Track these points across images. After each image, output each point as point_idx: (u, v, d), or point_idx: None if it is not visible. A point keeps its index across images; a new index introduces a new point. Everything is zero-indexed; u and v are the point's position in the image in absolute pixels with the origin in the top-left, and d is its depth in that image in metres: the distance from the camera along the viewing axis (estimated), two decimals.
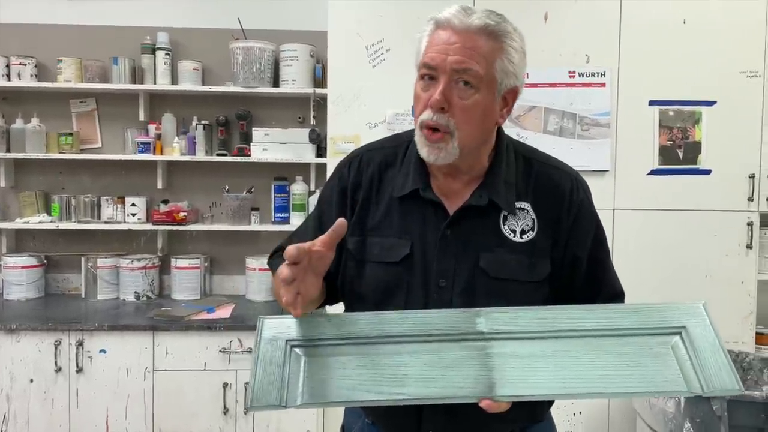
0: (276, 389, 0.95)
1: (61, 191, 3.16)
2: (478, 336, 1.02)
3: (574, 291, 1.20)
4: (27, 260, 3.02)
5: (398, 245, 1.18)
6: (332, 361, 1.00)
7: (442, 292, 1.15)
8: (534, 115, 2.57)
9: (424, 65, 1.12)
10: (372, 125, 2.57)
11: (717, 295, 2.57)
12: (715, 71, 2.56)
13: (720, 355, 0.98)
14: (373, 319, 1.06)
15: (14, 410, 2.55)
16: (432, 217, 1.18)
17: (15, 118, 3.03)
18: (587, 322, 1.04)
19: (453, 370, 0.98)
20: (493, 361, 0.99)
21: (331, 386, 0.97)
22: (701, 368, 0.96)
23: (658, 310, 1.05)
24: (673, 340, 1.01)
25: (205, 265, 3.12)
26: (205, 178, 3.18)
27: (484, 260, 1.15)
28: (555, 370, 0.98)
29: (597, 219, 1.25)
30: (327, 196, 1.29)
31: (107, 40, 3.11)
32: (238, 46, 2.97)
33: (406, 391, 0.96)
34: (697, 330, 1.01)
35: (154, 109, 3.16)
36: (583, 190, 1.23)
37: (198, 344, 2.57)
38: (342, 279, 1.24)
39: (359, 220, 1.22)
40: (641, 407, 2.32)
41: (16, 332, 2.54)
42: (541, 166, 1.22)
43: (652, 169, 2.59)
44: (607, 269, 1.26)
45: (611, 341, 1.01)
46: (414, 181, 1.19)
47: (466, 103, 1.10)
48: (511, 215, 1.17)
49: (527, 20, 2.53)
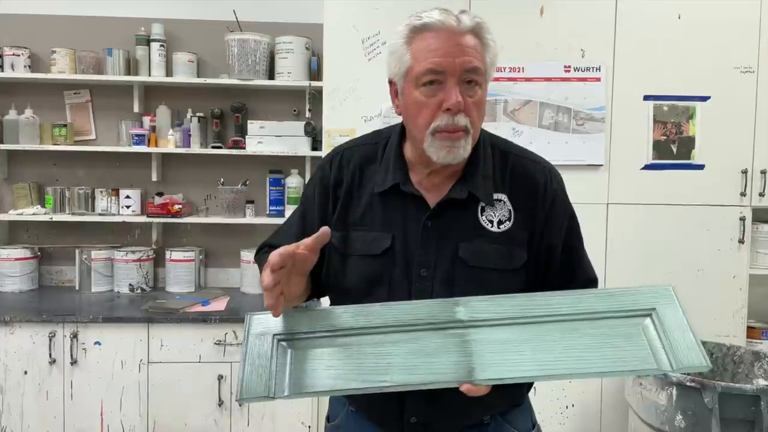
0: (264, 381, 0.99)
1: (55, 183, 3.14)
2: (458, 324, 1.06)
3: (550, 278, 1.23)
4: (21, 252, 3.01)
5: (380, 238, 1.21)
6: (318, 352, 1.05)
7: (424, 281, 1.19)
8: (529, 110, 2.58)
9: (429, 71, 1.12)
10: (368, 118, 2.57)
11: (709, 289, 2.59)
12: (710, 67, 2.58)
13: (688, 334, 1.02)
14: (357, 312, 1.10)
15: (8, 402, 2.54)
16: (413, 210, 1.21)
17: (8, 110, 3.01)
18: (562, 306, 1.08)
19: (434, 357, 1.02)
20: (472, 348, 1.03)
21: (317, 377, 1.01)
22: (671, 347, 1.01)
23: (630, 293, 1.09)
24: (644, 322, 1.05)
25: (199, 257, 3.12)
26: (200, 170, 3.17)
27: (463, 250, 1.19)
28: (532, 353, 1.02)
29: (571, 209, 1.28)
30: (310, 194, 1.33)
31: (102, 31, 3.09)
32: (233, 38, 2.96)
33: (389, 379, 1.00)
34: (667, 311, 1.05)
35: (149, 100, 3.14)
36: (557, 181, 1.27)
37: (193, 336, 2.58)
38: (326, 273, 1.27)
39: (341, 216, 1.25)
40: (633, 400, 2.34)
41: (10, 324, 2.54)
42: (516, 159, 1.26)
43: (646, 163, 2.60)
44: (581, 257, 1.29)
45: (585, 324, 1.06)
46: (394, 176, 1.22)
47: (475, 100, 1.14)
48: (488, 206, 1.21)
49: (523, 14, 2.57)
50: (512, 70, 2.57)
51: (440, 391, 1.00)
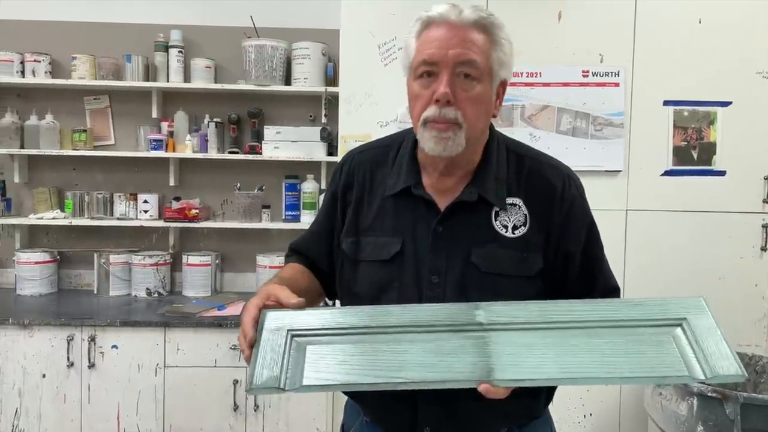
0: (275, 374, 0.97)
1: (75, 188, 3.18)
2: (477, 327, 1.03)
3: (568, 286, 1.20)
4: (40, 256, 3.05)
5: (390, 243, 1.19)
6: (332, 348, 1.02)
7: (435, 288, 1.16)
8: (547, 115, 2.56)
9: (423, 63, 1.12)
10: (383, 124, 2.57)
11: (730, 297, 2.54)
12: (731, 71, 2.54)
13: (723, 345, 0.97)
14: (374, 312, 1.07)
15: (26, 405, 2.57)
16: (423, 214, 1.19)
17: (29, 115, 3.05)
18: (586, 313, 1.04)
19: (451, 357, 0.99)
20: (491, 349, 1.00)
21: (330, 371, 0.99)
22: (704, 356, 0.96)
23: (658, 303, 1.05)
24: (674, 331, 1.01)
25: (216, 262, 3.14)
26: (216, 175, 3.19)
27: (476, 255, 1.16)
28: (554, 356, 0.98)
29: (590, 214, 1.24)
30: (325, 199, 1.34)
31: (121, 37, 3.13)
32: (250, 44, 2.98)
33: (404, 375, 0.97)
34: (699, 322, 1.01)
35: (167, 106, 3.17)
36: (575, 186, 1.23)
37: (209, 341, 2.58)
38: (339, 280, 1.26)
39: (353, 221, 1.24)
40: (653, 409, 2.30)
41: (29, 327, 2.56)
42: (532, 162, 1.22)
43: (666, 169, 2.57)
44: (602, 265, 1.25)
45: (611, 331, 1.02)
46: (405, 179, 1.20)
47: (470, 95, 1.11)
48: (503, 211, 1.18)
49: (541, 19, 2.56)
50: (529, 75, 2.55)
51: (455, 399, 0.96)
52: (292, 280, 1.23)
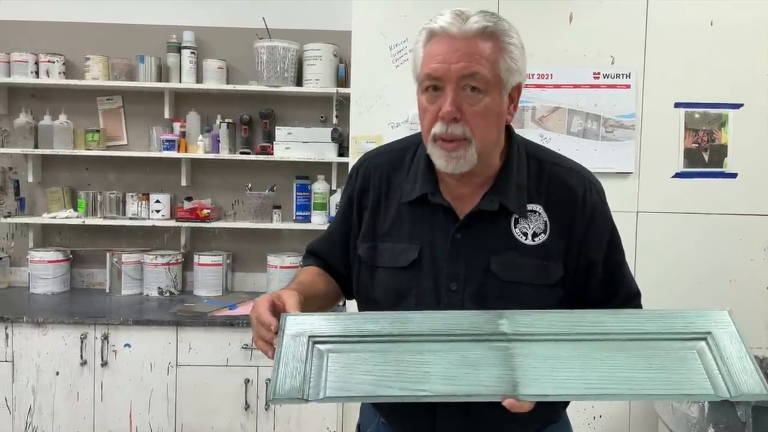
0: (298, 383, 0.96)
1: (87, 187, 3.20)
2: (501, 337, 1.01)
3: (590, 294, 1.18)
4: (53, 255, 3.07)
5: (407, 250, 1.17)
6: (355, 357, 1.01)
7: (454, 295, 1.14)
8: (557, 117, 2.56)
9: (427, 77, 1.09)
10: (394, 125, 2.58)
11: (741, 299, 2.54)
12: (742, 74, 2.53)
13: (747, 361, 0.97)
14: (396, 318, 1.06)
15: (40, 402, 2.59)
16: (442, 221, 1.17)
17: (43, 115, 3.08)
18: (611, 325, 1.03)
19: (476, 369, 0.97)
20: (516, 361, 0.98)
21: (353, 382, 0.97)
22: (728, 373, 0.95)
23: (682, 315, 1.04)
24: (698, 345, 1.00)
25: (227, 261, 3.15)
26: (228, 175, 3.21)
27: (495, 263, 1.14)
28: (579, 371, 0.97)
29: (611, 221, 1.22)
30: (341, 202, 1.33)
31: (134, 38, 3.15)
32: (262, 46, 3.00)
33: (428, 388, 0.95)
34: (724, 336, 1.00)
35: (179, 107, 3.19)
36: (597, 191, 1.20)
37: (220, 340, 2.60)
38: (356, 286, 1.26)
39: (370, 226, 1.22)
40: (663, 411, 2.30)
41: (43, 325, 2.59)
42: (553, 168, 1.19)
43: (677, 172, 2.56)
44: (624, 270, 1.23)
45: (636, 345, 1.01)
46: (422, 186, 1.17)
47: (478, 109, 1.08)
48: (522, 218, 1.15)
49: (552, 21, 2.56)
50: (540, 77, 2.56)
51: (475, 406, 0.96)
52: (313, 284, 1.23)
